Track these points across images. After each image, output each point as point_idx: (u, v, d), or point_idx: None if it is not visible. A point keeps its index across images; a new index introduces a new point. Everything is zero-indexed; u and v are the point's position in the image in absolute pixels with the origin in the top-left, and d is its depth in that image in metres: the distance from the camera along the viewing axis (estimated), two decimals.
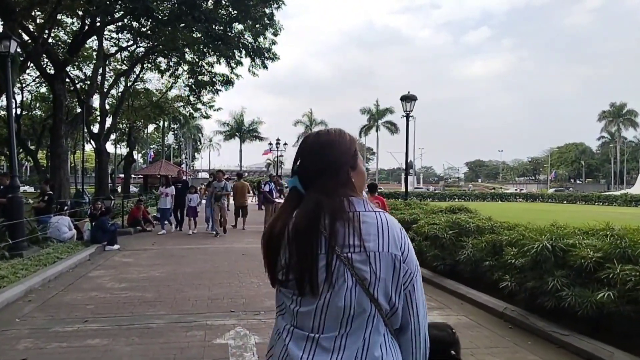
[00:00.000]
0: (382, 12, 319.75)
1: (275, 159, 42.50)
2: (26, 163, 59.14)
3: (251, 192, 22.10)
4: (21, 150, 39.93)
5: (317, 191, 1.20)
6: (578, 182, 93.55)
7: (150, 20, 17.82)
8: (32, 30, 17.61)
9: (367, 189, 9.25)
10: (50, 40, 21.51)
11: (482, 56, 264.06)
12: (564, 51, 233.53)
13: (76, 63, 26.83)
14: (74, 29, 22.39)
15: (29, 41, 17.53)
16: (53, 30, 23.07)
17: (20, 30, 17.14)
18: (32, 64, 22.41)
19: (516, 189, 71.95)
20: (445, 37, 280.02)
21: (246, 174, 71.58)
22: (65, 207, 10.65)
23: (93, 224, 9.97)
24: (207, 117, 36.81)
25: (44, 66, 21.28)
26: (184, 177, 22.74)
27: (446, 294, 6.30)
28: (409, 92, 12.40)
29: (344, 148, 1.27)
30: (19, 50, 16.22)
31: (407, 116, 12.39)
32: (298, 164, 1.28)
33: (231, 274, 7.40)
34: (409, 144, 13.27)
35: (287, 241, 1.17)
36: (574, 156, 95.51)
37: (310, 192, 1.21)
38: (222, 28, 18.43)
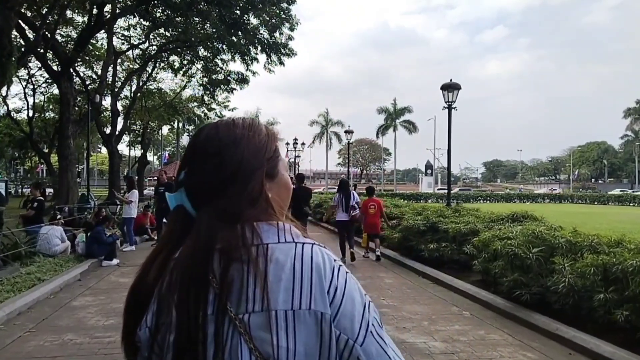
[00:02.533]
0: (396, 13, 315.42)
1: (293, 159, 41.13)
2: (41, 166, 59.03)
3: None
4: (34, 153, 39.44)
5: (212, 213, 0.78)
6: (600, 181, 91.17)
7: (162, 8, 16.50)
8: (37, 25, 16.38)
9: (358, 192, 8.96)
10: (58, 37, 20.56)
11: (498, 56, 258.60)
12: (582, 50, 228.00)
13: (86, 60, 25.96)
14: (84, 26, 21.29)
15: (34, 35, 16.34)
16: (62, 27, 22.14)
17: (23, 24, 16.06)
18: (38, 63, 21.45)
19: (550, 189, 69.34)
20: (461, 37, 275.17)
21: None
22: (59, 216, 9.24)
23: (88, 234, 8.55)
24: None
25: (56, 64, 20.16)
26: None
27: (542, 336, 4.65)
28: (451, 80, 10.75)
29: (256, 146, 0.84)
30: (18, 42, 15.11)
31: (450, 107, 10.72)
32: (186, 170, 0.84)
33: None
34: (427, 143, 11.60)
35: (158, 294, 0.77)
36: (596, 155, 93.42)
37: (203, 214, 0.79)
38: (237, 14, 17.01)
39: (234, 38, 21.84)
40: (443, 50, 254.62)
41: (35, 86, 30.29)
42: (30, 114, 31.67)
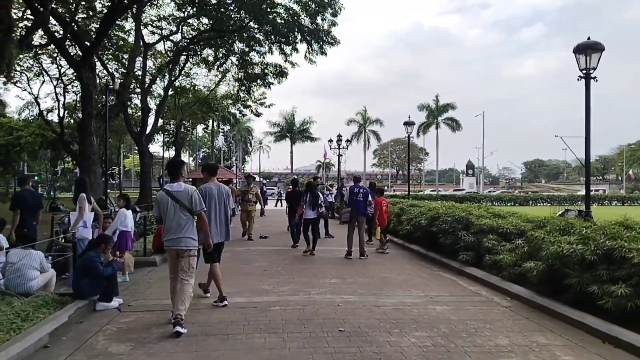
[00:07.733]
0: (430, 13, 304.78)
1: (331, 160, 38.27)
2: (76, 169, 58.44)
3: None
4: (66, 155, 38.26)
5: None
6: None
7: None
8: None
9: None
10: (79, 25, 18.68)
11: (534, 54, 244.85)
12: (623, 47, 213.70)
13: (116, 56, 24.20)
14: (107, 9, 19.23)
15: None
16: (89, 22, 20.38)
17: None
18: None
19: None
20: (495, 36, 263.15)
21: (295, 176, 68.30)
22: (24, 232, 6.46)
23: (77, 261, 5.83)
24: (258, 114, 33.77)
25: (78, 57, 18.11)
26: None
27: None
28: (589, 38, 7.54)
29: None
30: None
31: (588, 77, 7.55)
32: None
33: None
34: (463, 142, 8.49)
35: None
36: None
37: None
38: None
39: (268, 27, 19.45)
40: (477, 50, 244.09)
41: (67, 84, 28.89)
42: (62, 114, 30.32)
